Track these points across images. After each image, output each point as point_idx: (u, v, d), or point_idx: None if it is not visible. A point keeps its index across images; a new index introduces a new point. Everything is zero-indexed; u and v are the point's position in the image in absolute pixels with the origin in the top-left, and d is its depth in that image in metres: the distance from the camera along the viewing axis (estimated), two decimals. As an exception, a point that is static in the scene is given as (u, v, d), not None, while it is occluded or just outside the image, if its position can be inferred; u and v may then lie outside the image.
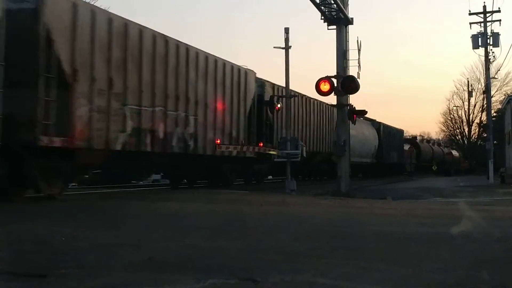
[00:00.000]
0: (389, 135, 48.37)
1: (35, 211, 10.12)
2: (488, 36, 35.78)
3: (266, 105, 22.99)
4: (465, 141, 76.67)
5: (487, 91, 40.60)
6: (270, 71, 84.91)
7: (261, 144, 24.19)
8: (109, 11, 14.86)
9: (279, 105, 22.76)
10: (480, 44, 35.94)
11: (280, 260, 5.61)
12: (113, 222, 8.84)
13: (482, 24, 36.05)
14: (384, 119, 54.48)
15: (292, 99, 22.27)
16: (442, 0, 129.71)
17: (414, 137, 67.43)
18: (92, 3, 14.69)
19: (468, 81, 64.22)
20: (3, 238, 6.87)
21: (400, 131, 55.81)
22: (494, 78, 47.55)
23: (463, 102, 73.06)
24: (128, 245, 6.44)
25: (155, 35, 15.96)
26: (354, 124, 21.93)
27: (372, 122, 43.23)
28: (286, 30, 20.57)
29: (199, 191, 17.90)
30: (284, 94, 21.51)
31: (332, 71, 19.85)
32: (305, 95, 29.14)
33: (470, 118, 73.59)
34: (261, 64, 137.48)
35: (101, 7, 15.01)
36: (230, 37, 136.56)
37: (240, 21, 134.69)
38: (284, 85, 21.09)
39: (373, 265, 5.44)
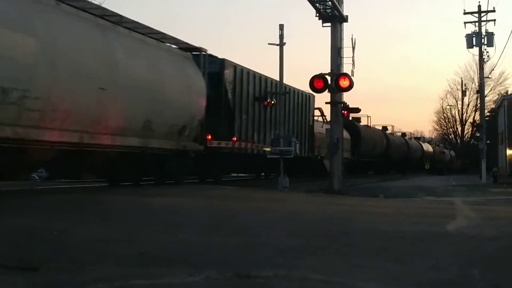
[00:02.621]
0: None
1: (24, 204, 10.06)
2: (482, 36, 35.93)
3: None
4: (458, 141, 77.02)
5: (480, 91, 40.81)
6: (265, 67, 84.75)
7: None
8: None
9: (273, 102, 22.49)
10: (474, 43, 36.12)
11: (273, 256, 5.60)
12: (105, 216, 8.81)
13: (477, 24, 36.22)
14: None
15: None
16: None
17: (357, 119, 44.67)
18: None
19: (462, 80, 64.61)
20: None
21: (305, 96, 30.32)
22: (488, 77, 47.83)
23: (456, 101, 73.55)
24: (120, 239, 6.42)
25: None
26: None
27: (193, 54, 18.70)
28: (281, 27, 20.60)
29: (191, 187, 17.86)
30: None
31: (327, 68, 19.91)
32: None
33: (464, 118, 74.12)
34: (255, 60, 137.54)
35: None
36: (224, 33, 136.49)
37: (235, 17, 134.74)
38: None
39: (365, 262, 5.44)
